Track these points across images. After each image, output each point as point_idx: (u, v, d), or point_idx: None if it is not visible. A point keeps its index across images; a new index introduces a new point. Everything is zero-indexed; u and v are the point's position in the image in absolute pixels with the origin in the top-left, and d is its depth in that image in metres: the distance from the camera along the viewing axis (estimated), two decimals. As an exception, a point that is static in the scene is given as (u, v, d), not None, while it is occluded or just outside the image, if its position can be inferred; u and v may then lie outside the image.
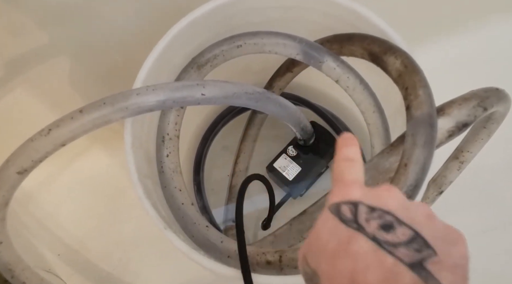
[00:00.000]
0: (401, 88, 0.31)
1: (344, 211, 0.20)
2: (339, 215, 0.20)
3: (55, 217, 0.61)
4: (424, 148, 0.28)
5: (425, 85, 0.30)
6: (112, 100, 0.32)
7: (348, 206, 0.20)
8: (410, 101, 0.30)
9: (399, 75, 0.32)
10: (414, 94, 0.30)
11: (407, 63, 0.32)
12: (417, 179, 0.28)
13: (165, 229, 0.34)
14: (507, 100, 0.37)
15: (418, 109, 0.29)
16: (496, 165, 0.60)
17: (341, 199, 0.21)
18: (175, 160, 0.41)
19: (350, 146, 0.24)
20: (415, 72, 0.31)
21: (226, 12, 0.40)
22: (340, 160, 0.23)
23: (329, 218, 0.20)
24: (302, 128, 0.47)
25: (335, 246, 0.19)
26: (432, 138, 0.29)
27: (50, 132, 0.32)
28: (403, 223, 0.19)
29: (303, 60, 0.41)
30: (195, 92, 0.33)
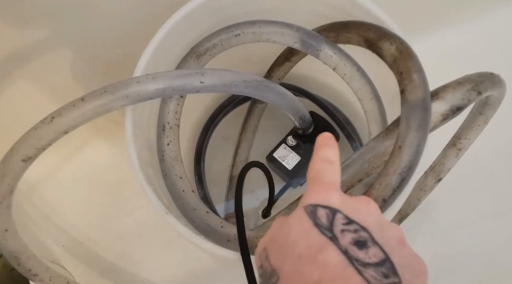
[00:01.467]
0: (396, 73, 0.32)
1: (320, 216, 0.19)
2: (314, 218, 0.19)
3: (59, 208, 0.62)
4: (418, 131, 0.29)
5: (419, 70, 0.31)
6: (113, 88, 0.33)
7: (326, 211, 0.19)
8: (404, 85, 0.30)
9: (394, 61, 0.32)
10: (409, 78, 0.30)
11: (402, 48, 0.32)
12: (411, 160, 0.28)
13: (166, 214, 0.35)
14: (502, 85, 0.37)
15: (412, 93, 0.30)
16: (494, 151, 0.60)
17: (319, 202, 0.20)
18: (176, 148, 0.42)
19: (330, 146, 0.23)
20: (410, 57, 0.32)
21: (223, 2, 0.40)
22: (320, 159, 0.23)
23: (303, 219, 0.19)
24: (300, 117, 0.47)
25: (304, 250, 0.18)
26: (426, 122, 0.30)
27: (53, 120, 0.33)
28: (377, 243, 0.18)
29: (300, 48, 0.41)
30: (194, 80, 0.34)
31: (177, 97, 0.42)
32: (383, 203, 0.29)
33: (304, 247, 0.18)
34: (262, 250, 0.21)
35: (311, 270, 0.17)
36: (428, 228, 0.58)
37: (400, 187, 0.29)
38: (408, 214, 0.55)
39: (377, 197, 0.29)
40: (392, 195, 0.29)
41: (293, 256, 0.18)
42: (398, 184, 0.29)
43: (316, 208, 0.20)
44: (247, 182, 0.59)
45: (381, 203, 0.29)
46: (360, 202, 0.21)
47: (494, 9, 0.66)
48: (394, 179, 0.28)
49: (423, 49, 0.61)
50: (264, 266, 0.20)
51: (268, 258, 0.20)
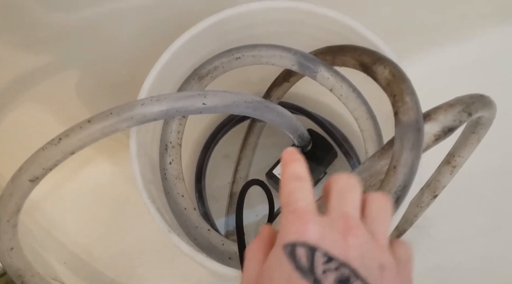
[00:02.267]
0: (389, 96, 0.33)
1: (300, 256, 0.19)
2: (294, 260, 0.19)
3: (61, 225, 0.62)
4: (411, 151, 0.30)
5: (411, 92, 0.32)
6: (119, 110, 0.34)
7: (305, 250, 0.19)
8: (398, 107, 0.32)
9: (387, 84, 0.34)
10: (402, 101, 0.32)
11: (395, 72, 0.34)
12: (406, 180, 0.30)
13: (169, 232, 0.36)
14: (492, 106, 0.39)
15: (405, 115, 0.31)
16: (487, 169, 0.61)
17: (297, 239, 0.19)
18: (178, 167, 0.43)
19: (296, 161, 0.23)
20: (402, 81, 0.33)
21: (225, 27, 0.42)
22: (288, 178, 0.22)
23: (283, 262, 0.19)
24: (299, 135, 0.49)
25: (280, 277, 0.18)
26: (419, 142, 0.31)
27: (60, 142, 0.34)
28: (360, 277, 0.18)
29: (298, 70, 0.43)
30: (197, 102, 0.36)
31: (179, 117, 0.44)
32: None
33: None
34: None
35: None
36: (425, 243, 0.59)
37: (395, 206, 0.30)
38: (405, 230, 0.56)
39: None
40: (387, 214, 0.30)
41: None
42: (393, 203, 0.30)
43: (294, 247, 0.19)
44: (247, 198, 0.60)
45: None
46: (340, 228, 0.20)
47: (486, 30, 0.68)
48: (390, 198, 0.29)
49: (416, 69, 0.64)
50: None
51: None
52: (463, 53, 0.68)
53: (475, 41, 0.69)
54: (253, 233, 0.58)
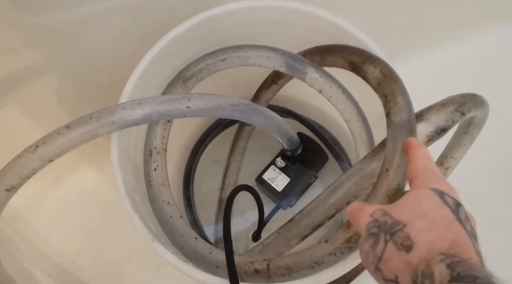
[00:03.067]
0: (380, 96, 0.32)
1: (447, 201, 0.23)
2: (443, 200, 0.23)
3: (45, 235, 0.60)
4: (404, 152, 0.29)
5: (403, 92, 0.31)
6: (99, 115, 0.32)
7: (452, 201, 0.23)
8: (389, 108, 0.31)
9: (378, 84, 0.33)
10: (393, 101, 0.31)
11: (386, 71, 0.33)
12: (399, 183, 0.28)
13: (153, 241, 0.34)
14: (484, 105, 0.38)
15: (397, 115, 0.30)
16: (481, 170, 0.61)
17: (446, 191, 0.24)
18: (163, 173, 0.42)
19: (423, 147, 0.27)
20: (394, 80, 0.32)
21: (210, 27, 0.41)
22: (422, 157, 0.26)
23: (434, 196, 0.23)
24: (288, 139, 0.47)
25: (439, 218, 0.22)
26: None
27: (37, 149, 0.32)
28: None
29: (286, 71, 0.42)
30: (181, 105, 0.34)
31: (164, 122, 0.42)
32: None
33: (438, 215, 0.22)
34: (375, 210, 0.24)
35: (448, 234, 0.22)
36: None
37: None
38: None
39: None
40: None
41: (425, 218, 0.22)
42: (386, 206, 0.29)
43: (443, 193, 0.23)
44: (236, 204, 0.59)
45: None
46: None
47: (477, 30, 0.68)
48: (383, 201, 0.28)
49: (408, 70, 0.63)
50: (381, 220, 0.24)
51: (387, 214, 0.24)
52: (455, 54, 0.68)
53: (467, 41, 0.68)
54: (243, 240, 0.57)
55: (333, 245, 0.30)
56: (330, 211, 0.35)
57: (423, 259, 0.21)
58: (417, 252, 0.21)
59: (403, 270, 0.22)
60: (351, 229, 0.30)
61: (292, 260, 0.32)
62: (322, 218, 0.35)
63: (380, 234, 0.23)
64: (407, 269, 0.21)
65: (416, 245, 0.22)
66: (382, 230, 0.23)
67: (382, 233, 0.23)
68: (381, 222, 0.24)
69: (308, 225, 0.35)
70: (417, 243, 0.22)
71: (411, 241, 0.22)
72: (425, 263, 0.21)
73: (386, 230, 0.23)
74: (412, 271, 0.21)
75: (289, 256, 0.32)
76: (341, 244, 0.30)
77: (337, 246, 0.30)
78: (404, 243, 0.22)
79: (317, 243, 0.31)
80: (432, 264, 0.20)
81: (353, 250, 0.30)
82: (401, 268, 0.22)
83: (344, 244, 0.30)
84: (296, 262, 0.31)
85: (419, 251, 0.21)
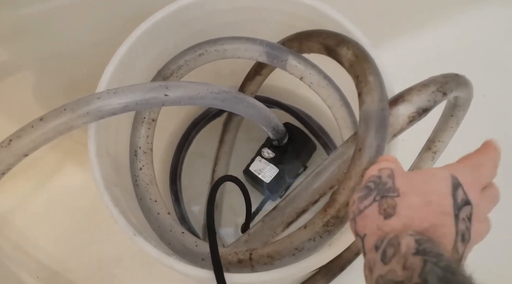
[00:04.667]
0: (353, 77, 0.32)
1: (458, 195, 0.23)
2: (454, 191, 0.23)
3: (33, 238, 0.59)
4: (377, 132, 0.29)
5: (375, 72, 0.31)
6: (73, 106, 0.32)
7: (464, 197, 0.23)
8: (361, 88, 0.30)
9: (350, 65, 0.32)
10: (364, 81, 0.30)
11: (358, 53, 0.32)
12: (372, 162, 0.28)
13: (134, 236, 0.33)
14: (467, 85, 0.38)
15: (368, 95, 0.30)
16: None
17: (466, 186, 0.23)
18: (149, 172, 0.41)
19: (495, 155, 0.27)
20: (365, 61, 0.32)
21: (188, 15, 0.40)
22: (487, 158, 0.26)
23: (447, 183, 0.23)
24: (273, 127, 0.47)
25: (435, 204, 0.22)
26: (384, 123, 0.29)
27: (11, 143, 0.32)
28: None
29: (266, 61, 0.42)
30: (159, 94, 0.34)
31: (148, 121, 0.42)
32: (348, 207, 0.29)
33: (436, 202, 0.22)
34: (387, 167, 0.24)
35: (431, 217, 0.21)
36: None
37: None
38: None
39: (341, 201, 0.29)
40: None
41: (422, 197, 0.22)
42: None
43: (458, 185, 0.23)
44: (226, 197, 0.58)
45: (345, 208, 0.29)
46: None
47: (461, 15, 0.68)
48: (357, 182, 0.28)
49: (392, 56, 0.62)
50: (384, 180, 0.24)
51: (393, 177, 0.23)
52: (439, 39, 0.67)
53: (450, 26, 0.68)
54: (233, 233, 0.56)
55: (311, 230, 0.30)
56: (314, 197, 0.34)
57: (395, 230, 0.21)
58: (393, 222, 0.22)
59: (372, 232, 0.22)
60: (328, 212, 0.29)
61: (273, 248, 0.31)
62: (306, 204, 0.34)
63: (373, 191, 0.23)
64: (376, 233, 0.22)
65: (396, 216, 0.22)
66: (377, 189, 0.23)
67: (375, 191, 0.23)
68: (382, 181, 0.24)
69: (292, 211, 0.35)
70: (398, 215, 0.22)
71: (394, 211, 0.22)
72: (394, 234, 0.21)
73: (380, 191, 0.23)
74: (378, 237, 0.21)
75: (271, 244, 0.32)
76: (319, 229, 0.30)
77: (315, 231, 0.30)
78: (387, 210, 0.22)
79: (297, 229, 0.31)
80: (401, 235, 0.20)
81: (332, 233, 0.30)
82: (371, 230, 0.22)
83: (322, 228, 0.29)
84: (277, 250, 0.31)
85: (396, 222, 0.22)
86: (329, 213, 0.30)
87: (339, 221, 0.30)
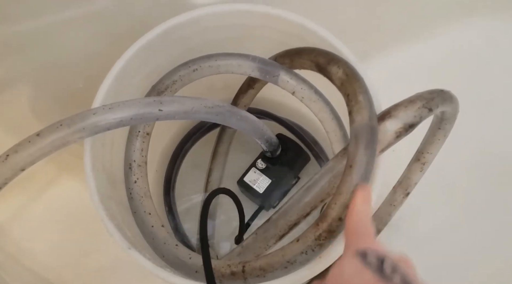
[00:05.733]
0: (343, 95, 0.33)
1: (371, 258, 0.22)
2: (365, 259, 0.22)
3: (28, 250, 0.60)
4: (366, 149, 0.30)
5: (364, 91, 0.32)
6: (69, 121, 0.32)
7: (375, 255, 0.22)
8: (351, 106, 0.31)
9: (341, 84, 0.33)
10: (355, 100, 0.31)
11: (348, 72, 0.34)
12: (362, 178, 0.29)
13: (129, 249, 0.34)
14: (453, 100, 0.39)
15: (358, 114, 0.31)
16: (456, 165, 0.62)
17: (370, 248, 0.23)
18: (144, 185, 0.42)
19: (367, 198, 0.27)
20: (355, 80, 0.33)
21: (182, 32, 0.41)
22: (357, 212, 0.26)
23: (355, 262, 0.22)
24: (266, 140, 0.48)
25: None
26: (373, 140, 0.30)
27: (8, 158, 0.32)
28: None
29: (259, 76, 0.43)
30: (153, 109, 0.34)
31: (142, 134, 0.43)
32: (339, 221, 0.29)
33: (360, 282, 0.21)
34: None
35: None
36: (400, 242, 0.58)
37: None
38: (380, 230, 0.56)
39: (333, 216, 0.30)
40: (347, 213, 0.29)
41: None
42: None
43: (365, 254, 0.23)
44: (221, 208, 0.59)
45: (337, 222, 0.30)
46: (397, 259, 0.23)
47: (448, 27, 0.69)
48: (348, 198, 0.29)
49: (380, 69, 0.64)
50: None
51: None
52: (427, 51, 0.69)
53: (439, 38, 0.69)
54: (228, 244, 0.57)
55: (304, 243, 0.31)
56: (305, 210, 0.35)
57: None
58: None
59: None
60: (320, 226, 0.30)
61: (266, 261, 0.32)
62: (298, 217, 0.35)
63: None
64: None
65: None
66: None
67: None
68: None
69: (284, 224, 0.35)
70: None
71: None
72: None
73: None
74: None
75: (263, 257, 0.33)
76: (311, 242, 0.30)
77: (308, 244, 0.30)
78: None
79: (289, 243, 0.32)
80: None
81: (324, 247, 0.30)
82: None
83: (314, 241, 0.30)
84: (270, 263, 0.32)
85: None
86: (321, 227, 0.31)
87: (331, 234, 0.30)
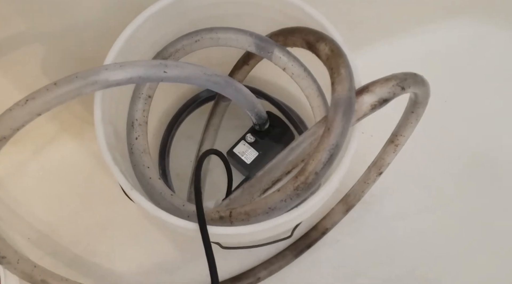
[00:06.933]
0: (328, 69, 0.38)
1: None
2: None
3: (25, 203, 0.63)
4: (343, 115, 0.34)
5: (346, 65, 0.37)
6: (84, 74, 0.36)
7: None
8: (334, 78, 0.36)
9: (327, 58, 0.38)
10: (337, 72, 0.36)
11: (334, 48, 0.38)
12: (338, 140, 0.34)
13: (131, 190, 0.38)
14: (424, 84, 0.44)
15: (339, 84, 0.36)
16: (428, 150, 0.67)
17: None
18: (144, 142, 0.46)
19: None
20: (339, 56, 0.38)
21: (188, 4, 0.45)
22: None
23: None
24: (256, 113, 0.52)
25: None
26: (351, 108, 0.35)
27: (27, 103, 0.36)
28: None
29: (255, 51, 0.47)
30: (159, 71, 0.39)
31: (145, 97, 0.47)
32: (315, 175, 0.34)
33: None
34: None
35: None
36: (371, 218, 0.64)
37: (329, 162, 0.34)
38: (353, 205, 0.61)
39: (310, 170, 0.34)
40: (322, 169, 0.34)
41: None
42: (327, 159, 0.34)
43: None
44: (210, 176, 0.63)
45: (313, 176, 0.34)
46: None
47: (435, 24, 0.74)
48: (324, 155, 0.34)
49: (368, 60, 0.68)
50: None
51: None
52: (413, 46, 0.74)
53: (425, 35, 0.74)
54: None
55: (284, 193, 0.35)
56: (288, 168, 0.40)
57: None
58: None
59: None
60: (298, 179, 0.35)
61: (250, 207, 0.37)
62: (281, 174, 0.40)
63: None
64: None
65: None
66: None
67: None
68: None
69: (268, 180, 0.40)
70: None
71: None
72: None
73: None
74: None
75: (248, 204, 0.37)
76: (290, 192, 0.35)
77: (287, 194, 0.35)
78: None
79: (271, 192, 0.37)
80: None
81: (300, 196, 0.35)
82: None
83: (293, 191, 0.35)
84: (254, 209, 0.36)
85: None
86: (299, 180, 0.35)
87: (307, 186, 0.35)
